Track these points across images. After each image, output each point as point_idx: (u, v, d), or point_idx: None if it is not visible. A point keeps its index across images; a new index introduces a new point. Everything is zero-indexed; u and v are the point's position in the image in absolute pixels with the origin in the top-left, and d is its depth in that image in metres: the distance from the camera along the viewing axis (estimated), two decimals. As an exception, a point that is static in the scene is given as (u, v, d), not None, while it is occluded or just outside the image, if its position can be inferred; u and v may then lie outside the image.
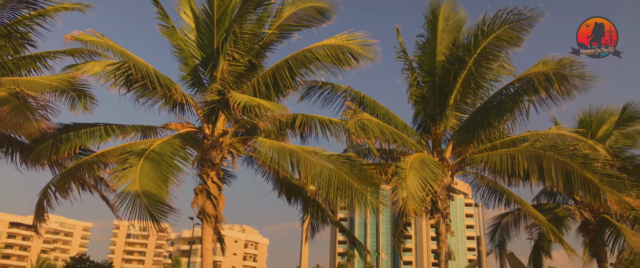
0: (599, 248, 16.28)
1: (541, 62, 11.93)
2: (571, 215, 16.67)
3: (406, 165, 10.99)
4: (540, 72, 11.53)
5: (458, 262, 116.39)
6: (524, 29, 11.95)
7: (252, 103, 9.16)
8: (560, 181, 11.42)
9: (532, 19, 11.72)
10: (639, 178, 16.20)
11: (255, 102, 9.17)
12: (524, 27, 11.91)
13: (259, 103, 9.12)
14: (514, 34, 12.00)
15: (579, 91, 11.48)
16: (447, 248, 12.51)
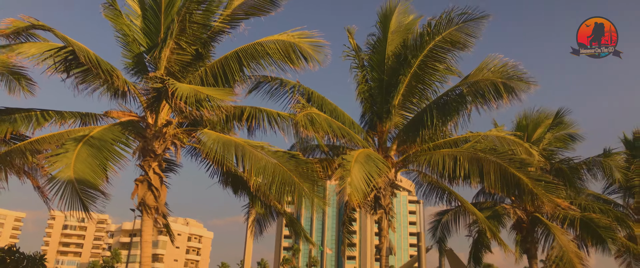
0: (530, 245, 17.15)
1: (485, 66, 12.25)
2: (506, 213, 17.44)
3: (351, 159, 11.17)
4: (489, 81, 11.85)
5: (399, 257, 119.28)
6: (470, 31, 12.21)
7: (198, 95, 8.93)
8: (498, 184, 11.98)
9: (477, 19, 11.87)
10: (572, 178, 17.25)
11: (201, 95, 8.95)
12: (470, 29, 12.17)
13: (207, 95, 8.90)
14: (461, 36, 12.26)
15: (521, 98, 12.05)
16: (389, 243, 12.79)
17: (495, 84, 11.77)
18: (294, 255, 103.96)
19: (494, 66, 12.03)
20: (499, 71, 11.86)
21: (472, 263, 19.85)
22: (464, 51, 12.68)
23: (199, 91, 8.99)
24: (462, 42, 12.41)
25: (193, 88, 9.07)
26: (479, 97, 12.21)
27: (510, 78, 11.73)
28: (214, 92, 9.13)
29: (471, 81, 12.19)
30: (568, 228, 17.01)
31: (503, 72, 11.83)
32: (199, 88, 9.26)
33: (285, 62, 11.13)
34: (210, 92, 9.13)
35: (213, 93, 9.05)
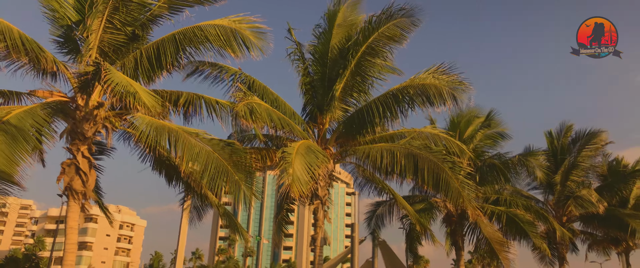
0: (458, 238, 17.97)
1: (434, 70, 12.69)
2: (437, 207, 18.16)
3: (293, 151, 11.23)
4: (436, 88, 12.31)
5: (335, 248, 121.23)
6: (406, 27, 12.57)
7: (128, 89, 8.49)
8: (431, 182, 12.50)
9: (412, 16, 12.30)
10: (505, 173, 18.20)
11: (132, 89, 8.51)
12: (406, 25, 12.54)
13: (136, 92, 8.46)
14: (398, 31, 12.61)
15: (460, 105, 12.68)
16: (324, 234, 12.96)
17: (442, 92, 12.25)
18: (230, 245, 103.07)
19: (442, 72, 12.52)
20: (447, 80, 12.38)
21: (408, 254, 20.55)
22: (400, 46, 13.11)
23: (131, 85, 8.58)
24: (398, 37, 12.76)
25: (126, 81, 8.63)
26: (425, 100, 12.65)
27: (455, 89, 12.29)
28: (144, 95, 8.61)
29: (419, 84, 12.59)
30: (494, 222, 18.01)
31: (450, 82, 12.37)
32: (132, 83, 8.80)
33: (226, 50, 10.91)
34: (141, 92, 8.64)
35: (143, 96, 8.53)
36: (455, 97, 12.37)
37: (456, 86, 12.39)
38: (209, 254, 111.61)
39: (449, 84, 12.36)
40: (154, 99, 8.94)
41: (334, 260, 25.54)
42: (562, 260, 21.38)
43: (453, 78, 12.43)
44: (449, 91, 12.27)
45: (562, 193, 21.62)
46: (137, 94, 8.43)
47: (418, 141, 13.64)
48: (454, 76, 12.46)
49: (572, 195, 21.26)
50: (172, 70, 11.30)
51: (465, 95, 12.38)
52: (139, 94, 8.43)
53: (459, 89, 12.35)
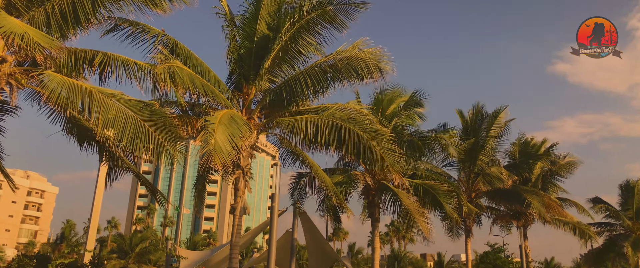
0: (374, 210, 18.68)
1: (357, 46, 12.87)
2: (357, 180, 18.72)
3: (215, 120, 11.05)
4: (362, 60, 12.48)
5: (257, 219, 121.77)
6: (349, 13, 12.57)
7: (14, 29, 7.73)
8: (354, 151, 12.85)
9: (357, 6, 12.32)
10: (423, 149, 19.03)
11: (19, 30, 7.76)
12: (349, 12, 12.54)
13: (24, 33, 7.72)
14: (339, 17, 12.59)
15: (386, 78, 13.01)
16: (244, 203, 12.98)
17: (368, 64, 12.45)
18: (149, 215, 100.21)
19: (366, 47, 12.73)
20: (371, 53, 12.61)
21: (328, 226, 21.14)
22: (340, 32, 13.12)
23: (19, 27, 7.87)
24: (338, 23, 12.76)
25: (14, 23, 7.93)
26: (353, 72, 12.81)
27: (380, 60, 12.55)
28: (35, 35, 7.90)
29: (346, 57, 12.71)
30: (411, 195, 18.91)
31: (375, 54, 12.62)
32: (22, 25, 8.09)
33: (147, 5, 10.37)
34: (32, 32, 7.93)
35: (33, 35, 7.82)
36: (381, 69, 12.68)
37: (381, 58, 12.70)
38: (126, 223, 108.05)
39: (374, 57, 12.63)
40: (47, 38, 8.31)
41: (254, 230, 25.73)
42: (468, 232, 22.97)
43: (376, 51, 12.73)
44: (374, 63, 12.54)
45: (472, 170, 23.08)
46: (26, 35, 7.80)
47: (342, 114, 13.91)
48: (377, 49, 12.76)
49: (481, 172, 22.76)
50: (89, 27, 10.60)
51: (390, 67, 12.74)
52: (29, 34, 7.80)
53: (384, 61, 12.69)
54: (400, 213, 18.00)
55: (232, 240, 12.87)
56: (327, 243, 24.87)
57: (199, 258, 23.24)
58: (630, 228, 33.72)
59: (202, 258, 23.20)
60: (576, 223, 26.15)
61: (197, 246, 67.22)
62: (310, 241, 23.57)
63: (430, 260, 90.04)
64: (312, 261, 27.35)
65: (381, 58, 12.74)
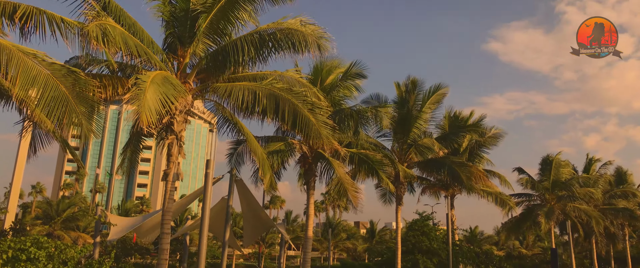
0: (310, 178, 18.99)
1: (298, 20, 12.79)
2: (294, 148, 18.88)
3: (147, 79, 10.72)
4: (302, 33, 12.42)
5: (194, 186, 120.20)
6: None
7: None
8: (291, 122, 12.94)
9: None
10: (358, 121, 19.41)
11: None
12: None
13: None
14: None
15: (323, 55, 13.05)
16: (177, 169, 12.79)
17: (307, 39, 12.44)
18: (78, 181, 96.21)
19: (307, 23, 12.69)
20: (312, 29, 12.60)
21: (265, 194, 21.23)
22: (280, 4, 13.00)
23: None
24: None
25: None
26: (291, 45, 12.76)
27: (320, 38, 12.57)
28: None
29: (287, 28, 12.61)
30: (347, 163, 19.38)
31: (315, 31, 12.62)
32: None
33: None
34: None
35: None
36: (319, 46, 12.74)
37: (321, 35, 12.75)
38: (53, 189, 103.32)
39: (314, 34, 12.67)
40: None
41: (188, 196, 25.44)
42: (399, 200, 23.95)
43: (317, 29, 12.77)
44: (313, 39, 12.58)
45: (405, 141, 23.90)
46: None
47: (280, 84, 13.89)
48: (318, 28, 12.80)
49: (414, 143, 23.62)
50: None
51: (328, 46, 12.83)
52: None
53: (323, 39, 12.75)
54: (333, 182, 18.42)
55: (164, 206, 12.70)
56: (263, 210, 25.07)
57: (130, 224, 22.75)
58: (546, 199, 36.49)
59: (133, 224, 22.73)
60: (498, 193, 27.89)
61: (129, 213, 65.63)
62: (246, 208, 23.67)
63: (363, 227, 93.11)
64: (247, 228, 27.54)
65: (321, 36, 12.79)
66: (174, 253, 32.13)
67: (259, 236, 50.38)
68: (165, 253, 12.11)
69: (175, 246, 31.83)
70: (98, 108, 9.93)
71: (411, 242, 24.47)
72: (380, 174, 19.33)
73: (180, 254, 31.60)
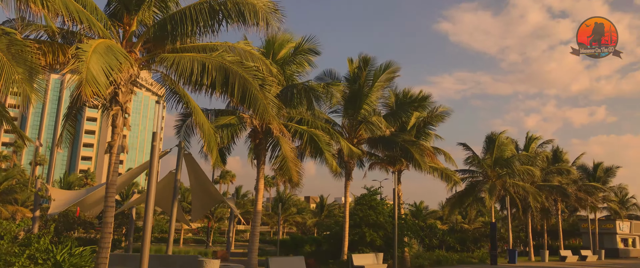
0: (260, 153, 18.95)
1: None
2: (245, 123, 18.72)
3: (89, 48, 10.26)
4: (252, 4, 12.19)
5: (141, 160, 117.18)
6: None
7: None
8: (240, 96, 12.78)
9: None
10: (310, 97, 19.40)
11: None
12: None
13: None
14: None
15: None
16: (122, 141, 12.43)
17: (258, 12, 12.21)
18: (16, 152, 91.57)
19: None
20: (264, 2, 12.36)
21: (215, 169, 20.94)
22: None
23: None
24: None
25: None
26: (240, 16, 12.50)
27: (270, 12, 12.38)
28: None
29: None
30: (297, 139, 19.42)
31: (267, 4, 12.39)
32: None
33: None
34: None
35: None
36: (267, 20, 12.56)
37: (272, 8, 12.58)
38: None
39: (266, 6, 12.48)
40: None
41: (135, 170, 24.85)
42: (349, 174, 24.36)
43: (269, 2, 12.58)
44: (264, 12, 12.40)
45: (355, 118, 24.20)
46: None
47: (231, 56, 13.65)
48: (270, 2, 12.60)
49: (364, 120, 23.96)
50: None
51: (279, 19, 12.70)
52: None
53: (274, 14, 12.59)
54: (278, 159, 18.47)
55: (108, 179, 12.36)
56: (212, 184, 24.87)
57: (72, 198, 22.02)
58: (488, 176, 38.15)
59: (76, 198, 22.01)
60: (444, 169, 28.85)
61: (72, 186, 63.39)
62: (195, 183, 23.41)
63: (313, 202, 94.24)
64: (195, 202, 27.30)
65: (273, 8, 12.62)
66: (119, 227, 31.43)
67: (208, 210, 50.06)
68: (109, 226, 11.83)
69: (121, 220, 31.13)
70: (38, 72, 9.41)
71: (359, 216, 25.03)
72: (326, 155, 19.52)
73: (126, 228, 30.96)
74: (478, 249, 44.81)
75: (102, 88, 9.93)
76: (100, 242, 11.79)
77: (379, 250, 24.07)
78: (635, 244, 59.48)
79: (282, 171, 18.29)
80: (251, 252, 18.47)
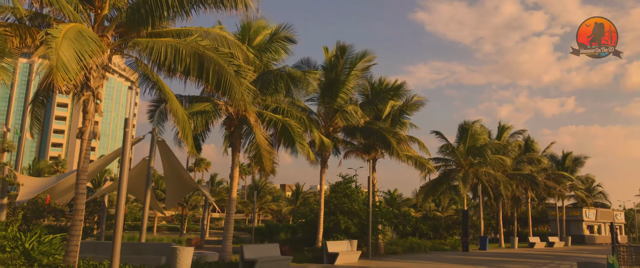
0: (235, 140, 18.83)
1: None
2: (220, 109, 18.55)
3: (59, 33, 10.00)
4: None
5: (114, 146, 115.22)
6: None
7: None
8: (215, 83, 12.62)
9: None
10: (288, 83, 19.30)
11: None
12: None
13: None
14: None
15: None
16: (93, 127, 12.21)
17: None
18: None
19: None
20: None
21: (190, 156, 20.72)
22: None
23: None
24: None
25: None
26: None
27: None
28: None
29: None
30: (271, 128, 19.32)
31: None
32: None
33: None
34: None
35: None
36: (246, 2, 12.43)
37: None
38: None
39: None
40: None
41: (107, 156, 24.44)
42: (324, 162, 24.46)
43: None
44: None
45: (331, 106, 24.24)
46: None
47: (206, 41, 13.47)
48: None
49: (340, 108, 24.01)
50: None
51: (254, 3, 12.58)
52: None
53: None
54: (252, 146, 18.38)
55: (79, 166, 12.14)
56: (186, 172, 24.64)
57: (42, 185, 21.54)
58: (461, 164, 38.81)
59: (45, 185, 21.54)
60: (418, 157, 29.21)
61: (42, 173, 61.97)
62: (168, 170, 23.14)
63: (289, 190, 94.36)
64: (169, 190, 27.03)
65: None
66: (91, 215, 30.91)
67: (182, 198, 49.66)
68: (80, 214, 11.65)
69: (92, 208, 30.61)
70: (4, 54, 9.14)
71: (334, 204, 25.19)
72: (297, 146, 19.50)
73: (98, 216, 30.48)
74: (450, 236, 45.70)
75: (73, 75, 9.71)
76: (71, 229, 11.60)
77: (354, 237, 24.31)
78: (601, 231, 61.60)
79: (256, 160, 18.24)
80: (226, 240, 18.43)
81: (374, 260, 22.74)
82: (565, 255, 32.05)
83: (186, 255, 13.62)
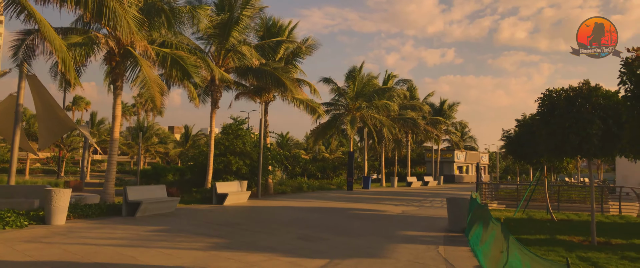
0: (118, 77, 17.59)
1: None
2: (98, 43, 17.08)
3: None
4: None
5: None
6: None
7: None
8: (95, 10, 11.51)
9: None
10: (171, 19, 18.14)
11: None
12: None
13: None
14: None
15: None
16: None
17: None
18: None
19: None
20: None
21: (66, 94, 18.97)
22: None
23: None
24: None
25: None
26: None
27: None
28: None
29: None
30: (159, 64, 18.25)
31: None
32: None
33: None
34: None
35: None
36: None
37: None
38: None
39: None
40: None
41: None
42: (215, 103, 23.93)
43: None
44: None
45: (223, 46, 23.49)
46: None
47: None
48: None
49: (233, 48, 23.36)
50: None
51: None
52: None
53: None
54: (139, 79, 17.29)
55: None
56: (62, 110, 22.69)
57: None
58: (350, 108, 40.36)
59: None
60: (310, 101, 29.73)
61: None
62: (41, 108, 21.11)
63: (178, 132, 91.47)
64: (42, 130, 24.80)
65: None
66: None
67: (59, 139, 45.99)
68: None
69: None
70: None
71: (225, 145, 24.99)
72: (195, 78, 18.78)
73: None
74: (337, 176, 48.02)
75: None
76: None
77: (244, 178, 24.51)
78: (469, 171, 68.79)
79: (145, 95, 17.16)
80: (108, 182, 17.56)
81: (262, 200, 23.25)
82: (437, 193, 35.42)
83: (62, 197, 12.79)
